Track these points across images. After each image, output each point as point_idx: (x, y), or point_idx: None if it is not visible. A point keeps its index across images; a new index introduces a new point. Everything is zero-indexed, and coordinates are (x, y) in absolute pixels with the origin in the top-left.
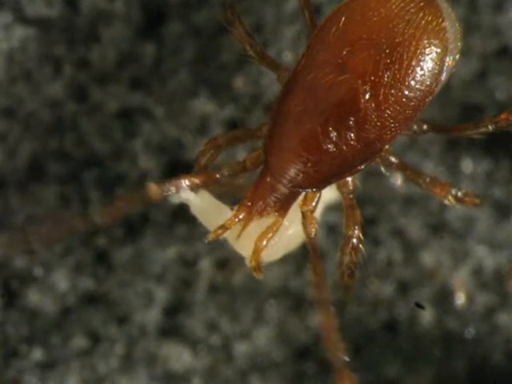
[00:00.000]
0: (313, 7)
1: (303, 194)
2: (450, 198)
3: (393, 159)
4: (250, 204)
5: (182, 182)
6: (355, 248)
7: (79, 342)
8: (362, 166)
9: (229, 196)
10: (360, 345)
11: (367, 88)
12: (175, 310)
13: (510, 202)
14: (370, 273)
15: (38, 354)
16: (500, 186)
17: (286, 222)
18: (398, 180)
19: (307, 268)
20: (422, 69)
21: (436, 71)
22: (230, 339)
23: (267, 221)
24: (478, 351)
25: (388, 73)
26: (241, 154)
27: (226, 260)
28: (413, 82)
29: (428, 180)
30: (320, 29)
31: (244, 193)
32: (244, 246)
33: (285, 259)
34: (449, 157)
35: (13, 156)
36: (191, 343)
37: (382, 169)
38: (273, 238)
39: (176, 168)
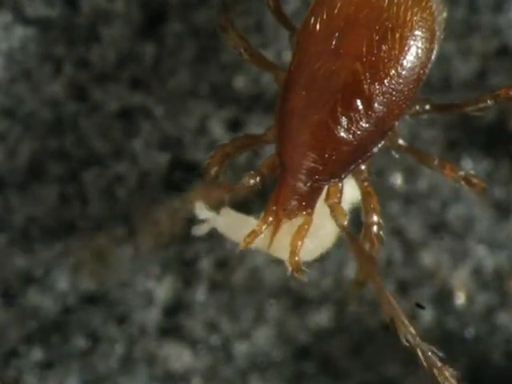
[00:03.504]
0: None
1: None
2: (459, 179)
3: (402, 142)
4: (275, 209)
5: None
6: (376, 234)
7: (79, 341)
8: (376, 149)
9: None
10: (360, 344)
11: (366, 67)
12: (175, 309)
13: (510, 202)
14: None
15: (37, 354)
16: (500, 186)
17: (318, 220)
18: (397, 180)
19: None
20: (414, 38)
21: (428, 39)
22: (229, 339)
23: (298, 221)
24: (478, 351)
25: (383, 48)
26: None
27: (226, 259)
28: (409, 53)
29: (437, 161)
30: (305, 23)
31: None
32: (279, 249)
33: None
34: (449, 157)
35: (13, 156)
36: (191, 343)
37: (393, 152)
38: (306, 236)
39: (176, 168)
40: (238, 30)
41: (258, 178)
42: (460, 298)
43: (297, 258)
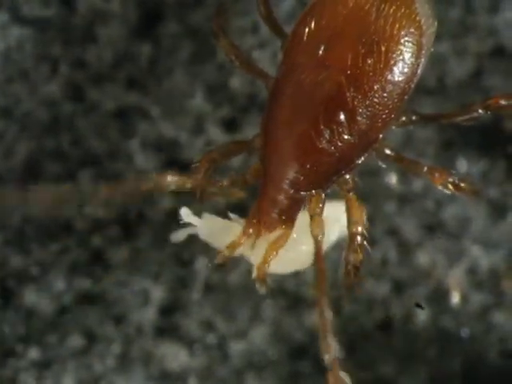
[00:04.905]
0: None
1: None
2: (448, 185)
3: (388, 152)
4: (255, 221)
5: (185, 178)
6: (360, 245)
7: (75, 341)
8: (360, 160)
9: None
10: (355, 344)
11: (350, 80)
12: (171, 309)
13: (505, 202)
14: (366, 272)
15: (34, 354)
16: (495, 186)
17: (301, 236)
18: (393, 179)
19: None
20: (400, 53)
21: (415, 53)
22: (225, 338)
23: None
24: (473, 350)
25: (368, 61)
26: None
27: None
28: (394, 67)
29: (426, 169)
30: (293, 34)
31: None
32: (259, 258)
33: None
34: (444, 157)
35: (9, 155)
36: (187, 342)
37: (379, 162)
38: (281, 248)
39: (172, 167)
40: (230, 38)
41: (241, 185)
42: (455, 298)
43: (266, 267)
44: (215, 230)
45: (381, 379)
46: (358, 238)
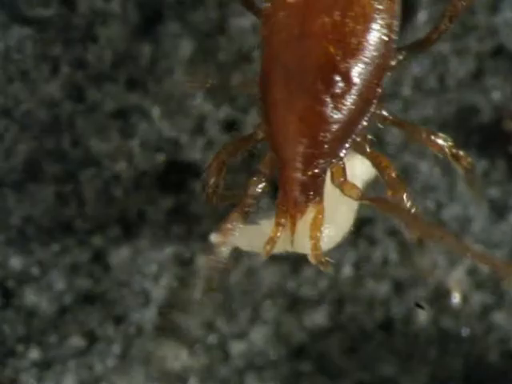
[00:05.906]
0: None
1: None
2: (446, 150)
3: (386, 114)
4: (285, 209)
5: (234, 222)
6: (395, 179)
7: (76, 341)
8: (366, 119)
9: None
10: (356, 344)
11: (335, 43)
12: (172, 309)
13: (506, 202)
14: (366, 272)
15: (34, 354)
16: (495, 186)
17: (332, 205)
18: None
19: (303, 268)
20: (377, 5)
21: (389, 5)
22: (226, 338)
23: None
24: (474, 350)
25: (348, 21)
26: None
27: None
28: (373, 17)
29: (425, 134)
30: (266, 14)
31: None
32: (302, 245)
33: (280, 259)
34: (444, 158)
35: (9, 156)
36: (188, 343)
37: (379, 125)
38: (323, 225)
39: (172, 168)
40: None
41: (262, 181)
42: (456, 298)
43: (319, 252)
44: (250, 238)
45: (381, 379)
46: (393, 173)
